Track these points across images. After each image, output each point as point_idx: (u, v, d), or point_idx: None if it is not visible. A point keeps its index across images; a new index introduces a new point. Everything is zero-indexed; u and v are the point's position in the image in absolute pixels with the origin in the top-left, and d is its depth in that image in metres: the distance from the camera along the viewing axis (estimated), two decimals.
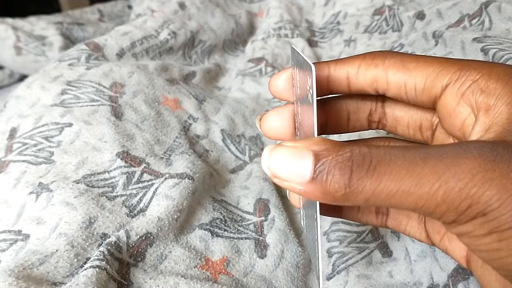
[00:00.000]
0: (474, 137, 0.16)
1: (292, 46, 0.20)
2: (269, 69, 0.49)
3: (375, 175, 0.14)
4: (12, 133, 0.33)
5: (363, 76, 0.19)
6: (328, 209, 0.23)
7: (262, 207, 0.32)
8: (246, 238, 0.30)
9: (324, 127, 0.22)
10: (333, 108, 0.22)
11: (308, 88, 0.17)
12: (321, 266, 0.18)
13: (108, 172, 0.30)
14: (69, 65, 0.39)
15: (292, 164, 0.15)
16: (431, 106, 0.19)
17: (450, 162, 0.14)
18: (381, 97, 0.21)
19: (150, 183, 0.30)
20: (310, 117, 0.17)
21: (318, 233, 0.17)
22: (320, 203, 0.17)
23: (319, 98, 0.21)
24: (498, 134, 0.15)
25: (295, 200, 0.23)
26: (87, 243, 0.25)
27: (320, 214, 0.17)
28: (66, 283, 0.23)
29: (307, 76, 0.17)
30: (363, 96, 0.21)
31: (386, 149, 0.14)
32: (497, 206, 0.13)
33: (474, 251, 0.15)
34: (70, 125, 0.33)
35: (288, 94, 0.21)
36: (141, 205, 0.29)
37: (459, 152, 0.14)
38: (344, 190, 0.14)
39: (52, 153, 0.31)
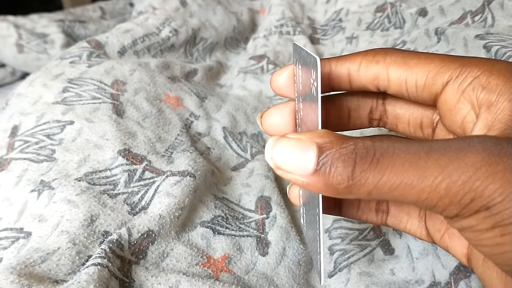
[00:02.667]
0: (476, 133, 0.16)
1: (294, 42, 0.20)
2: (270, 66, 0.49)
3: (378, 168, 0.14)
4: (14, 131, 0.33)
5: (364, 73, 0.19)
6: (328, 207, 0.23)
7: (264, 204, 0.32)
8: (247, 236, 0.30)
9: (325, 125, 0.22)
10: (334, 105, 0.22)
11: (312, 81, 0.17)
12: (323, 263, 0.18)
13: (110, 170, 0.30)
14: (71, 62, 0.39)
15: (295, 156, 0.15)
16: (432, 103, 0.19)
17: (453, 156, 0.14)
18: (382, 95, 0.21)
19: (151, 180, 0.30)
20: (314, 111, 0.17)
21: (321, 228, 0.17)
22: (322, 200, 0.17)
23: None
24: (502, 131, 0.15)
25: (295, 198, 0.23)
26: (89, 241, 0.25)
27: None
28: (67, 281, 0.23)
29: (311, 70, 0.17)
30: (364, 93, 0.21)
31: (390, 142, 0.14)
32: (501, 200, 0.13)
33: (476, 246, 0.15)
34: (72, 122, 0.33)
35: (289, 90, 0.21)
36: (143, 202, 0.29)
37: (462, 146, 0.14)
38: (347, 183, 0.14)
39: (53, 151, 0.31)
